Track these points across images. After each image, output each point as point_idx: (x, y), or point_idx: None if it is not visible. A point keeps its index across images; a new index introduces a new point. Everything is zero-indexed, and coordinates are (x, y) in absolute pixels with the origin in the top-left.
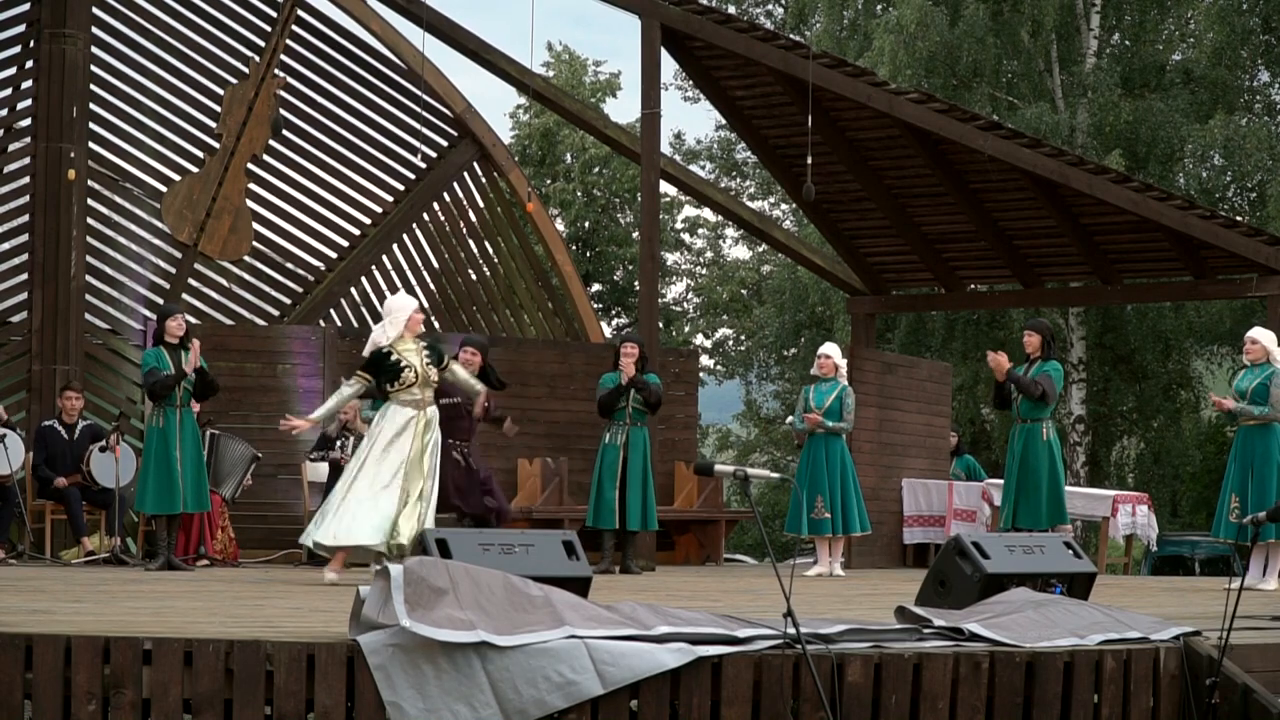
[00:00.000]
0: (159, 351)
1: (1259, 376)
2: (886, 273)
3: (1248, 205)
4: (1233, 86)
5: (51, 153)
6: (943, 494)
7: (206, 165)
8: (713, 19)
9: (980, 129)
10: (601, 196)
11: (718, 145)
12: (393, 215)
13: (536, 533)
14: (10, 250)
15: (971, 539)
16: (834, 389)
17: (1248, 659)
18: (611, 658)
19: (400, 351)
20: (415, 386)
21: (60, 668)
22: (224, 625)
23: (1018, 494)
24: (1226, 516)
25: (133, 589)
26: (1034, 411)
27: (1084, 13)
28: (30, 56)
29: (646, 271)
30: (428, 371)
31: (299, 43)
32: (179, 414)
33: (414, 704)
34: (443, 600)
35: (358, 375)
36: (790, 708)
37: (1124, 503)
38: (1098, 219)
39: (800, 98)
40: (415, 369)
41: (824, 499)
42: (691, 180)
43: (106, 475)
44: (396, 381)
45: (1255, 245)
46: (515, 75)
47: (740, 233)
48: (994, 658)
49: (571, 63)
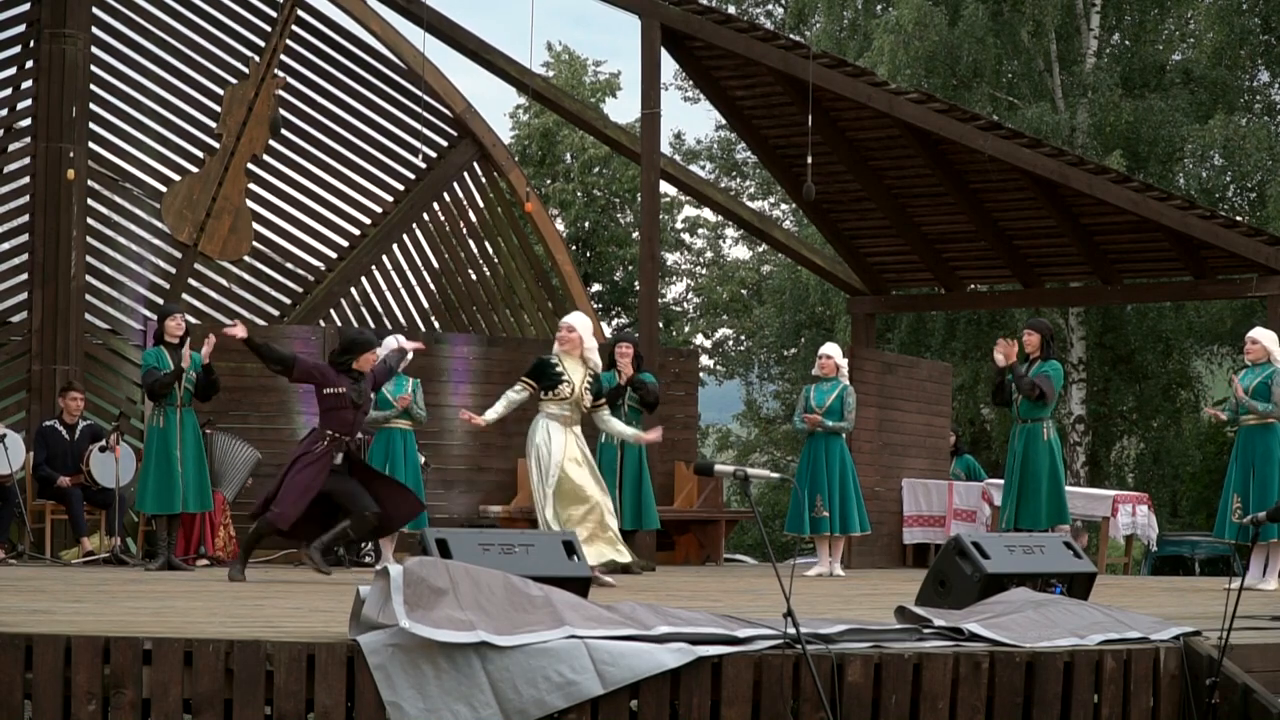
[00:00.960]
0: (159, 351)
1: (1259, 376)
2: (886, 273)
3: (1248, 205)
4: (1233, 86)
5: (51, 153)
6: (943, 494)
7: (206, 165)
8: (713, 19)
9: (980, 129)
10: (601, 196)
11: (718, 145)
12: (393, 215)
13: (536, 533)
14: (10, 250)
15: (971, 539)
16: (834, 389)
17: (1248, 659)
18: (611, 658)
19: (565, 366)
20: (567, 402)
21: (60, 668)
22: (224, 625)
23: (1018, 494)
24: (1229, 516)
25: (133, 589)
26: (1034, 411)
27: (1084, 13)
28: (30, 56)
29: (646, 271)
30: (583, 394)
31: (299, 43)
32: (179, 413)
33: (414, 704)
34: (442, 600)
35: (522, 381)
36: (790, 708)
37: (1124, 503)
38: (1098, 219)
39: (800, 98)
40: (573, 386)
41: (823, 499)
42: (691, 180)
43: (106, 475)
44: (552, 391)
45: (1255, 245)
46: (515, 75)
47: (740, 233)
48: (994, 658)
49: (571, 63)
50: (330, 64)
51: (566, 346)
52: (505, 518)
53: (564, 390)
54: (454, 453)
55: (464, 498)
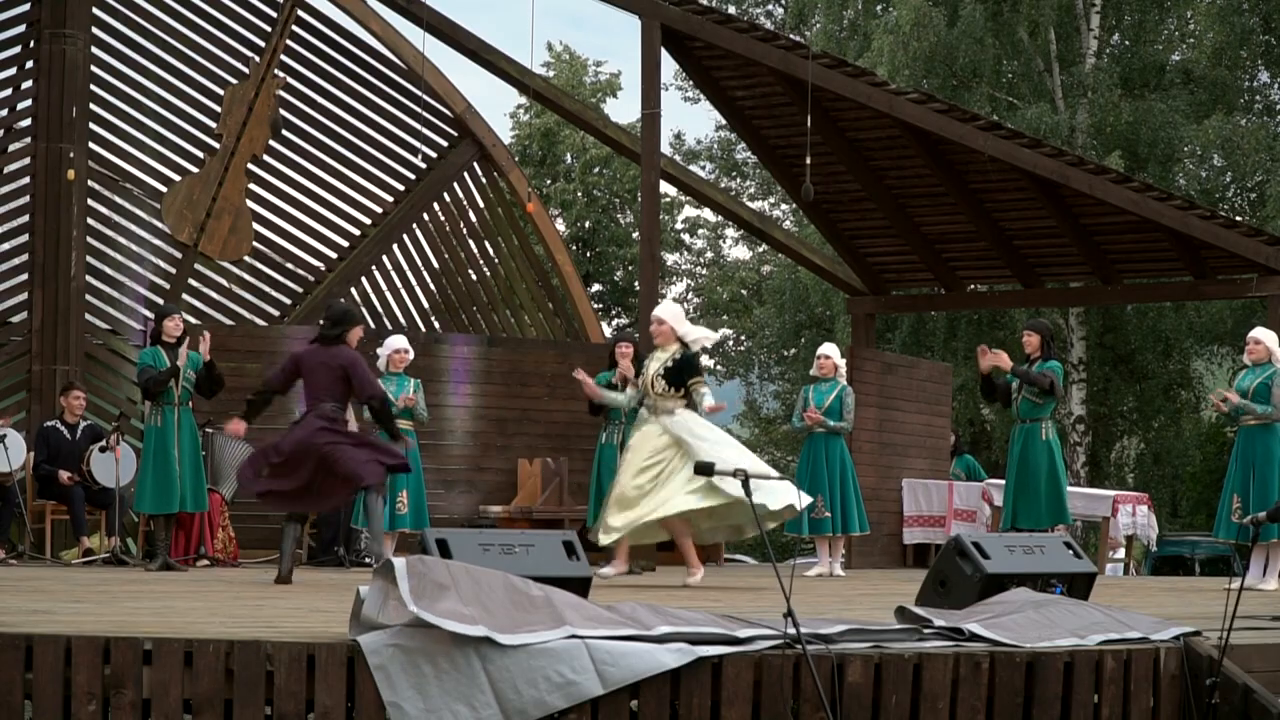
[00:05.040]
0: (156, 351)
1: (1260, 376)
2: (886, 273)
3: (1247, 205)
4: (1232, 86)
5: (51, 153)
6: (943, 494)
7: (206, 165)
8: (713, 19)
9: (980, 129)
10: (602, 197)
11: (718, 145)
12: (393, 215)
13: (536, 533)
14: (10, 250)
15: (971, 539)
16: (833, 389)
17: (1248, 659)
18: (612, 658)
19: (650, 355)
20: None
21: (60, 668)
22: (224, 625)
23: (1018, 494)
24: (1228, 516)
25: (133, 589)
26: (1034, 411)
27: (1084, 13)
28: (30, 56)
29: (646, 271)
30: (653, 381)
31: (299, 43)
32: (176, 413)
33: (414, 704)
34: (446, 595)
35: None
36: (790, 708)
37: (1124, 503)
38: (1098, 219)
39: (800, 98)
40: (646, 374)
41: (824, 499)
42: (691, 180)
43: (106, 475)
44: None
45: (1255, 245)
46: (515, 75)
47: (740, 233)
48: (994, 658)
49: (571, 63)
50: (330, 64)
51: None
52: (505, 518)
53: (639, 381)
54: (454, 453)
55: (464, 498)
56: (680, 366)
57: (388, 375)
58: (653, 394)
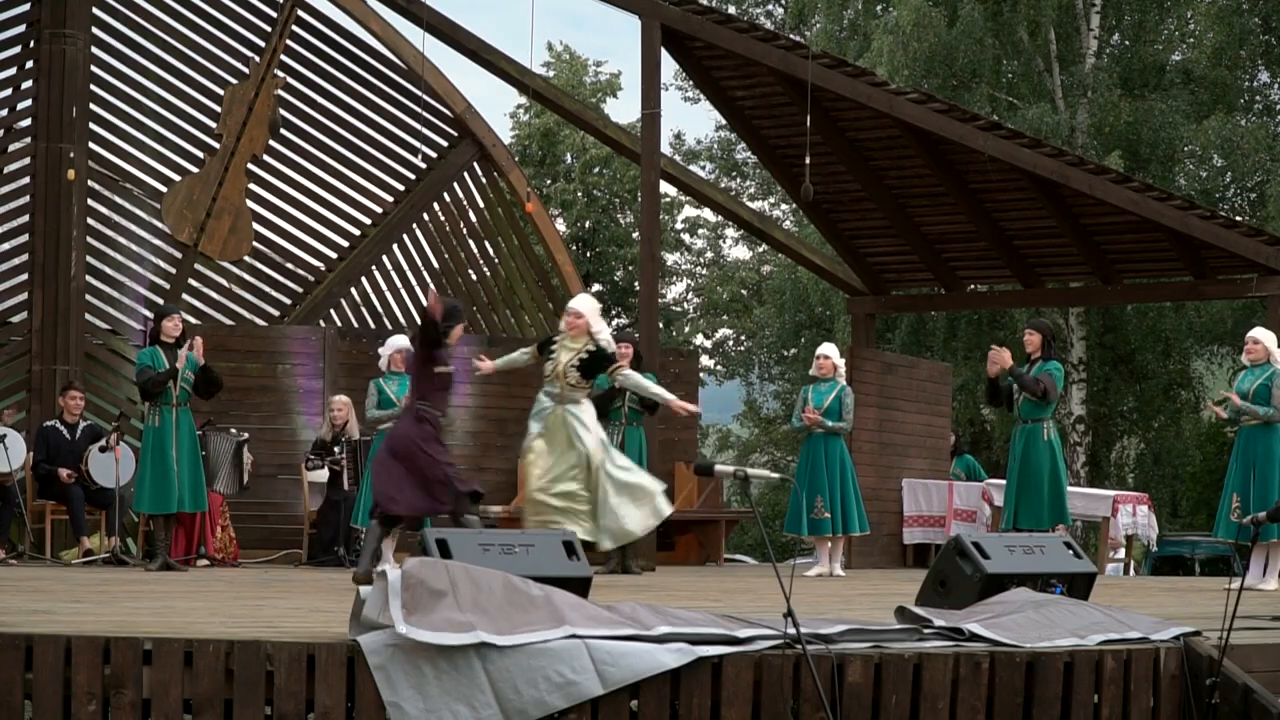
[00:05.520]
0: (154, 351)
1: (1260, 377)
2: (886, 273)
3: (1247, 205)
4: (1232, 86)
5: (51, 153)
6: (943, 494)
7: (206, 165)
8: (713, 19)
9: (980, 129)
10: (602, 197)
11: (718, 145)
12: (393, 215)
13: (537, 533)
14: (10, 250)
15: (972, 539)
16: (833, 389)
17: (1248, 659)
18: (612, 658)
19: (561, 344)
20: (554, 379)
21: (60, 668)
22: (224, 625)
23: (1019, 494)
24: (1228, 516)
25: (133, 589)
26: (1035, 412)
27: (1084, 13)
28: (30, 56)
29: (646, 271)
30: (565, 371)
31: (299, 43)
32: (174, 413)
33: (414, 704)
34: (441, 602)
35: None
36: (790, 708)
37: (1124, 503)
38: (1098, 219)
39: (800, 98)
40: (558, 364)
41: (823, 499)
42: (691, 180)
43: (105, 475)
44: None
45: (1255, 245)
46: (515, 75)
47: (740, 233)
48: (994, 658)
49: (571, 63)
50: (330, 64)
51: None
52: (505, 518)
53: (548, 367)
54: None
55: None
56: (596, 360)
57: (389, 375)
58: (563, 383)
